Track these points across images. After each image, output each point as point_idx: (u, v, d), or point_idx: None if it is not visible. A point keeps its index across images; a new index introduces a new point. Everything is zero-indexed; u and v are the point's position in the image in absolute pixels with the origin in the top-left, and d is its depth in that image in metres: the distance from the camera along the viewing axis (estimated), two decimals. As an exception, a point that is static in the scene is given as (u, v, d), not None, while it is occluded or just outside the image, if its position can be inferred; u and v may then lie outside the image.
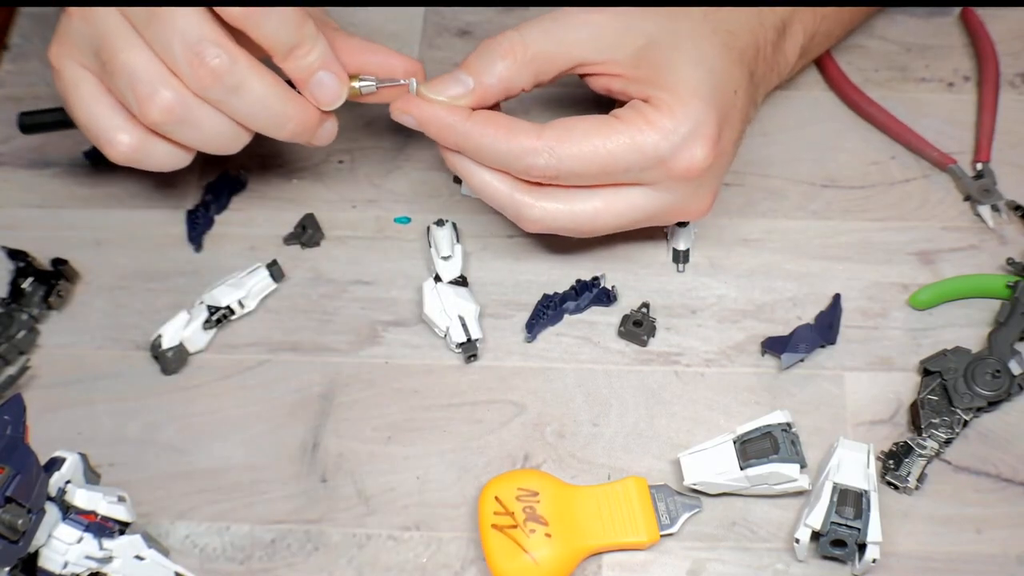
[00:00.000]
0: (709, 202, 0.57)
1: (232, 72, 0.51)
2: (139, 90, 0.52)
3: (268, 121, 0.54)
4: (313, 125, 0.56)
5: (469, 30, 0.72)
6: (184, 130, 0.54)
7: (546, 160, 0.54)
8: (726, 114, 0.55)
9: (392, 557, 0.55)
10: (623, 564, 0.54)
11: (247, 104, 0.53)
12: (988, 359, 0.57)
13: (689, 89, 0.53)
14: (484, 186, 0.56)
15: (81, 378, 0.60)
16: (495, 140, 0.54)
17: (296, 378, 0.60)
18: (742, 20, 0.57)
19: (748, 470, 0.53)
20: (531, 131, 0.54)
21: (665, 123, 0.53)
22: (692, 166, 0.54)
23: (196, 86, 0.52)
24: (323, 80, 0.54)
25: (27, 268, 0.62)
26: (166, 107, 0.52)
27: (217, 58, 0.51)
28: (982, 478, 0.55)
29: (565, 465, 0.57)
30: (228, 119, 0.54)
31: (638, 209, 0.56)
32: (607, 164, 0.54)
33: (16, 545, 0.47)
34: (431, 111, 0.55)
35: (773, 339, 0.59)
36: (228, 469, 0.57)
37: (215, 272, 0.63)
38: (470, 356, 0.60)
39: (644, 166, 0.54)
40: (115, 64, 0.52)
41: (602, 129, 0.54)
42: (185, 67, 0.51)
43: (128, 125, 0.54)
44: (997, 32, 0.69)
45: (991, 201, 0.63)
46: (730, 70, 0.55)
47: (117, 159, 0.55)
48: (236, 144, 0.56)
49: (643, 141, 0.53)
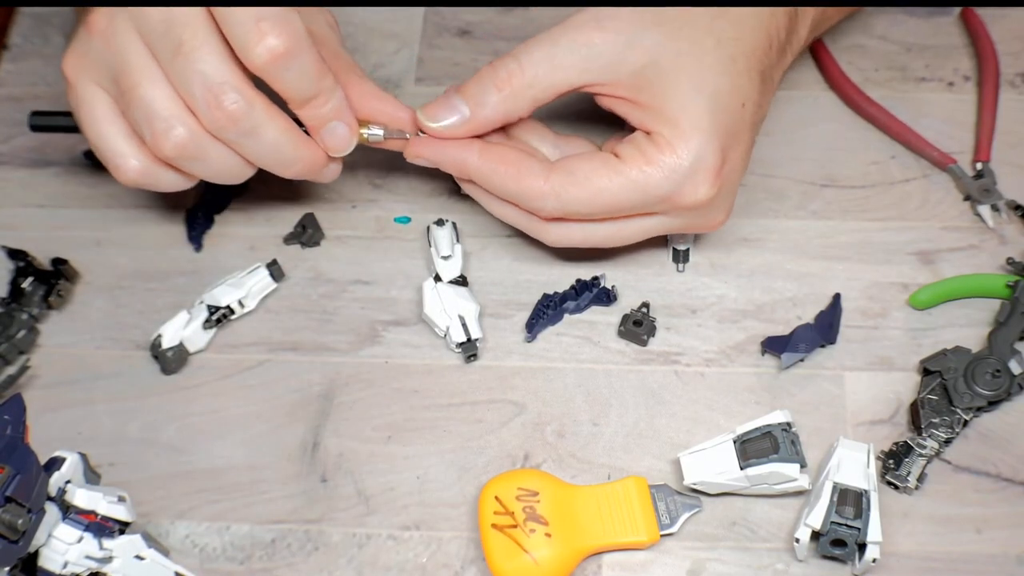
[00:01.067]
0: (724, 217, 0.58)
1: (248, 117, 0.52)
2: (155, 125, 0.52)
3: (277, 162, 0.55)
4: (319, 167, 0.57)
5: (469, 30, 0.72)
6: (194, 165, 0.54)
7: (552, 204, 0.55)
8: (733, 133, 0.54)
9: (392, 557, 0.55)
10: (623, 564, 0.54)
11: (259, 146, 0.54)
12: (988, 359, 0.57)
13: (691, 122, 0.53)
14: (501, 214, 0.58)
15: (81, 378, 0.60)
16: (504, 180, 0.55)
17: (296, 378, 0.60)
18: (751, 17, 0.56)
19: (748, 470, 0.53)
20: (539, 174, 0.54)
21: (667, 161, 0.53)
22: (697, 201, 0.54)
23: (211, 127, 0.52)
24: (335, 130, 0.55)
25: (27, 268, 0.62)
26: (179, 144, 0.52)
27: (235, 104, 0.51)
28: (982, 478, 0.55)
29: (565, 465, 0.57)
30: (238, 157, 0.55)
31: (652, 230, 0.57)
32: (611, 205, 0.54)
33: (16, 545, 0.47)
34: (442, 150, 0.56)
35: (773, 339, 0.59)
36: (228, 469, 0.57)
37: (215, 272, 0.63)
38: (470, 356, 0.60)
39: (648, 204, 0.55)
40: (133, 95, 0.52)
41: (605, 171, 0.54)
42: (203, 107, 0.51)
43: (138, 152, 0.54)
44: (997, 32, 0.69)
45: (991, 201, 0.63)
46: (736, 84, 0.54)
47: (124, 182, 0.55)
48: (241, 177, 0.56)
49: (646, 182, 0.53)
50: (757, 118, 0.57)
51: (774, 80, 0.58)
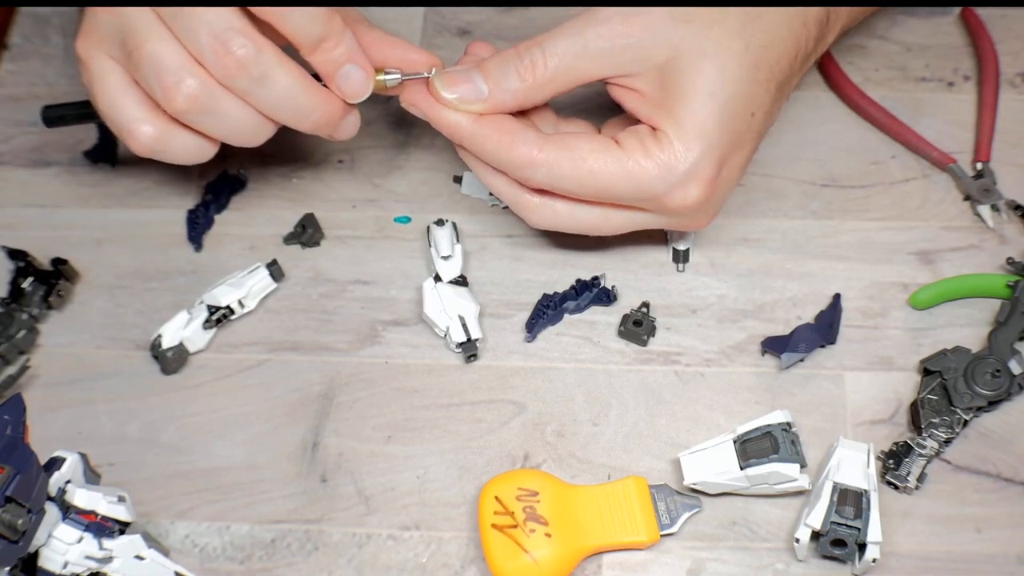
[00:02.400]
0: (709, 220, 0.57)
1: (258, 62, 0.51)
2: (165, 79, 0.52)
3: (292, 112, 0.54)
4: (337, 117, 0.56)
5: (469, 30, 0.72)
6: (208, 120, 0.54)
7: (543, 175, 0.54)
8: (736, 143, 0.54)
9: (392, 557, 0.55)
10: (623, 564, 0.54)
11: (272, 94, 0.53)
12: (988, 359, 0.57)
13: (696, 128, 0.52)
14: (490, 184, 0.57)
15: (81, 378, 0.60)
16: (497, 147, 0.54)
17: (296, 378, 0.60)
18: (783, 25, 0.54)
19: (748, 470, 0.53)
20: (533, 143, 0.54)
21: (663, 159, 0.53)
22: (685, 205, 0.54)
23: (221, 75, 0.52)
24: (350, 73, 0.54)
25: (27, 268, 0.62)
26: (191, 95, 0.52)
27: (243, 48, 0.51)
28: (982, 478, 0.55)
29: (565, 465, 0.57)
30: (252, 110, 0.54)
31: (639, 223, 0.57)
32: (601, 189, 0.54)
33: (16, 545, 0.47)
34: (439, 108, 0.55)
35: (773, 339, 0.59)
36: (228, 469, 0.57)
37: (215, 272, 0.63)
38: (470, 356, 0.60)
39: (637, 197, 0.54)
40: (141, 53, 0.52)
41: (602, 154, 0.53)
42: (211, 56, 0.51)
43: (151, 117, 0.54)
44: (997, 32, 0.69)
45: (991, 201, 0.63)
46: (751, 93, 0.53)
47: (139, 150, 0.55)
48: (260, 136, 0.55)
49: (639, 174, 0.53)
50: (765, 127, 0.56)
51: (790, 88, 0.58)
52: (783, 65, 0.55)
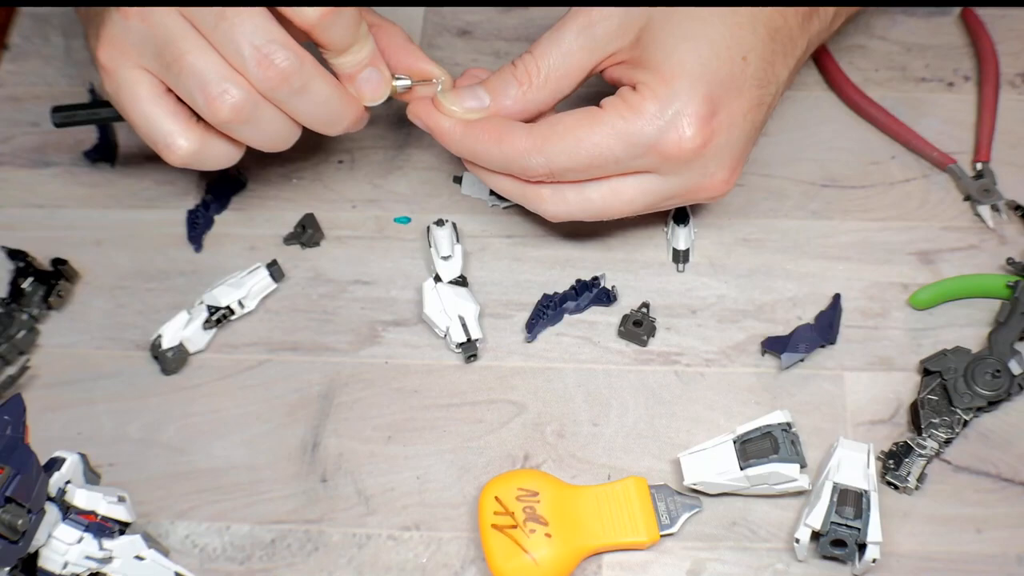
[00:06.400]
0: (725, 177, 0.56)
1: (299, 74, 0.52)
2: (209, 90, 0.52)
3: (327, 119, 0.55)
4: (361, 121, 0.57)
5: (469, 30, 0.72)
6: (247, 129, 0.54)
7: (539, 161, 0.54)
8: (727, 85, 0.53)
9: (392, 557, 0.55)
10: (623, 564, 0.54)
11: (310, 104, 0.54)
12: (988, 359, 0.57)
13: (675, 67, 0.53)
14: (499, 187, 0.58)
15: (81, 378, 0.60)
16: (488, 147, 0.55)
17: (296, 378, 0.60)
18: None
19: (748, 470, 0.53)
20: (521, 132, 0.54)
21: (647, 107, 0.53)
22: (682, 147, 0.53)
23: (263, 87, 0.52)
24: (370, 77, 0.55)
25: (27, 268, 0.62)
26: (235, 106, 0.52)
27: (287, 60, 0.51)
28: (982, 478, 0.55)
29: (565, 465, 0.57)
30: (287, 118, 0.54)
31: (650, 193, 0.56)
32: (594, 156, 0.54)
33: (16, 545, 0.47)
34: (436, 120, 0.56)
35: (773, 339, 0.59)
36: (228, 469, 0.57)
37: (215, 272, 0.63)
38: (470, 356, 0.60)
39: (633, 154, 0.54)
40: (182, 65, 0.52)
41: (585, 121, 0.54)
42: (254, 68, 0.51)
43: (187, 130, 0.54)
44: (997, 32, 0.69)
45: (991, 201, 0.63)
46: (735, 35, 0.53)
47: (175, 163, 0.55)
48: (289, 142, 0.56)
49: (626, 129, 0.53)
50: (767, 76, 0.55)
51: (794, 42, 0.56)
52: (767, 12, 0.55)
